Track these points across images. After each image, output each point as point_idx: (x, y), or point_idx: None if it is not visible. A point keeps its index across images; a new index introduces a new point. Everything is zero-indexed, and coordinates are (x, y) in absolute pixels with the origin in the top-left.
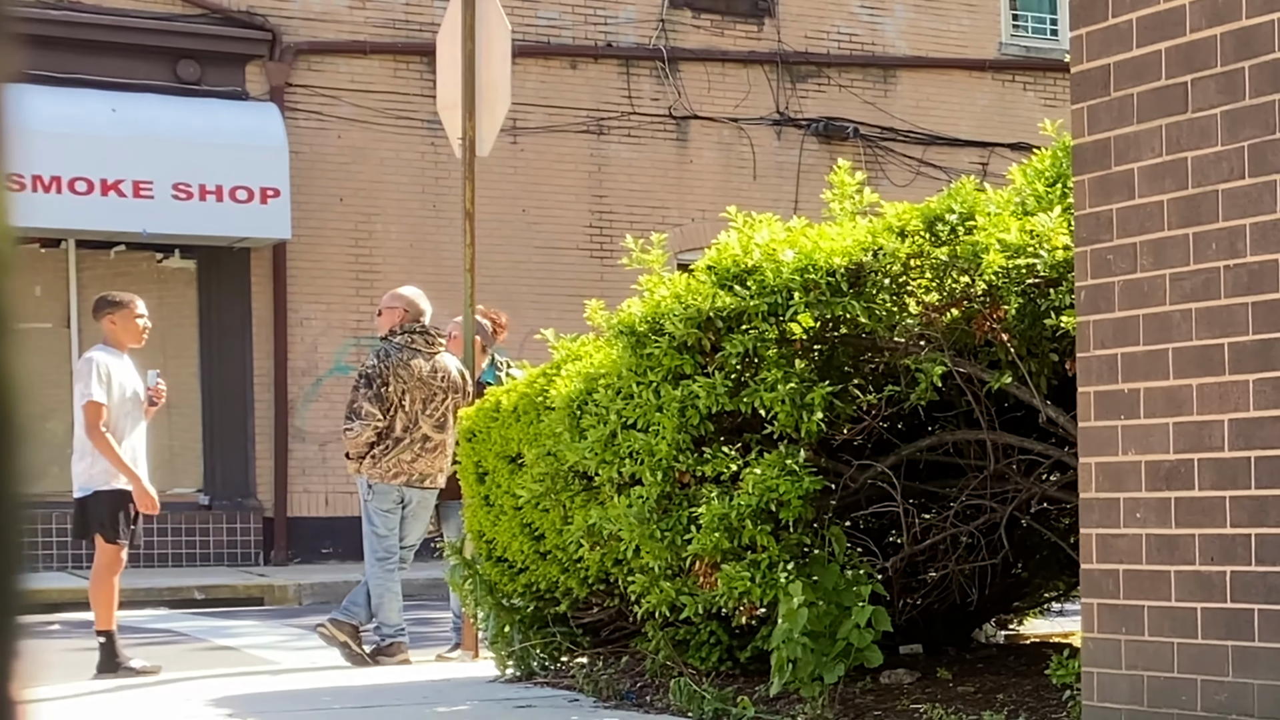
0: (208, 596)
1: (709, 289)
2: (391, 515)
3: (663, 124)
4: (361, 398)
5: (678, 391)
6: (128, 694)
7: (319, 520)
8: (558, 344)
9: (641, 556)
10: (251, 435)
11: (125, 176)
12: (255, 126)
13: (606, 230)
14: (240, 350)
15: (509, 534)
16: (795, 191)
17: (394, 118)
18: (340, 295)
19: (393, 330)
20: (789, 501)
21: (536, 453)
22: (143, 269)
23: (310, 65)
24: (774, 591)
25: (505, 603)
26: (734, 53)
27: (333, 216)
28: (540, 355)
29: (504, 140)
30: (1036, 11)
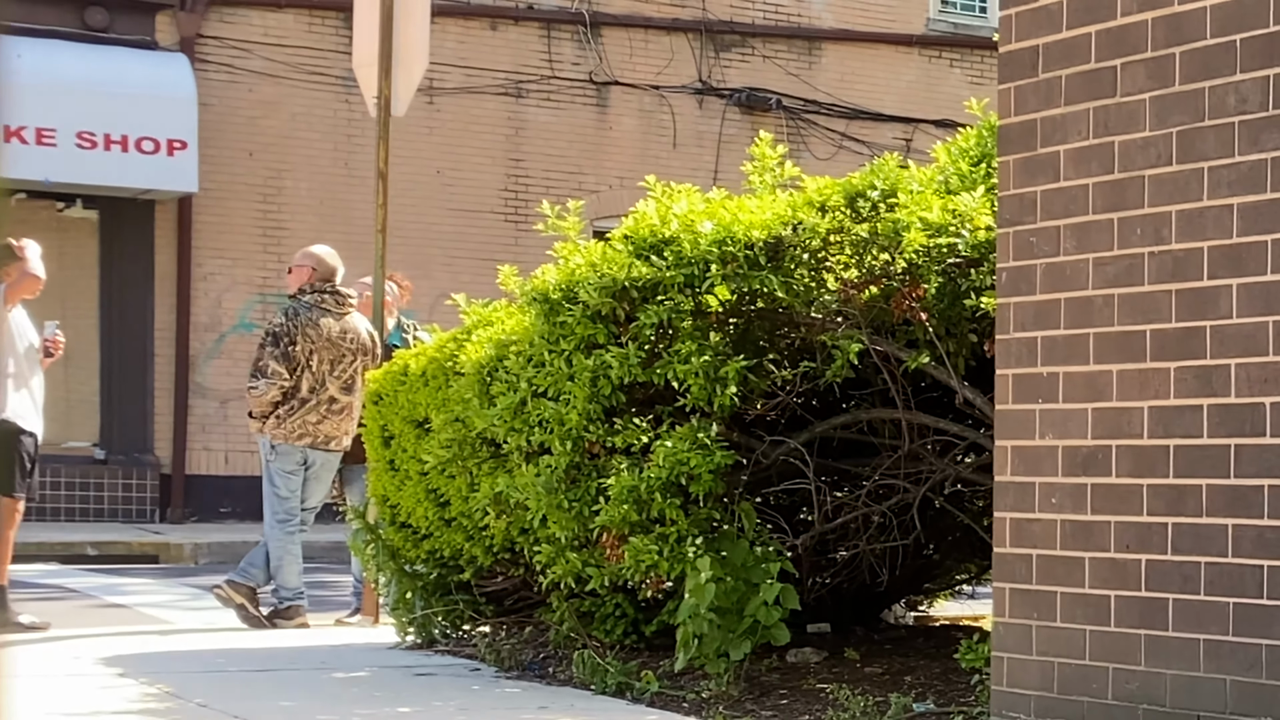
0: (101, 553)
1: (625, 258)
2: (294, 476)
3: (583, 89)
4: (268, 356)
5: (590, 361)
6: (15, 650)
7: (218, 479)
8: (469, 309)
9: (548, 526)
10: (151, 390)
11: (28, 123)
12: (164, 77)
13: (522, 195)
14: (142, 304)
15: (414, 499)
16: (715, 162)
17: (307, 73)
18: (247, 251)
19: (302, 289)
20: (699, 475)
21: (444, 418)
22: (43, 218)
23: (222, 16)
24: (682, 566)
25: (408, 569)
26: (657, 19)
27: (241, 171)
28: (450, 319)
29: (420, 100)
30: None
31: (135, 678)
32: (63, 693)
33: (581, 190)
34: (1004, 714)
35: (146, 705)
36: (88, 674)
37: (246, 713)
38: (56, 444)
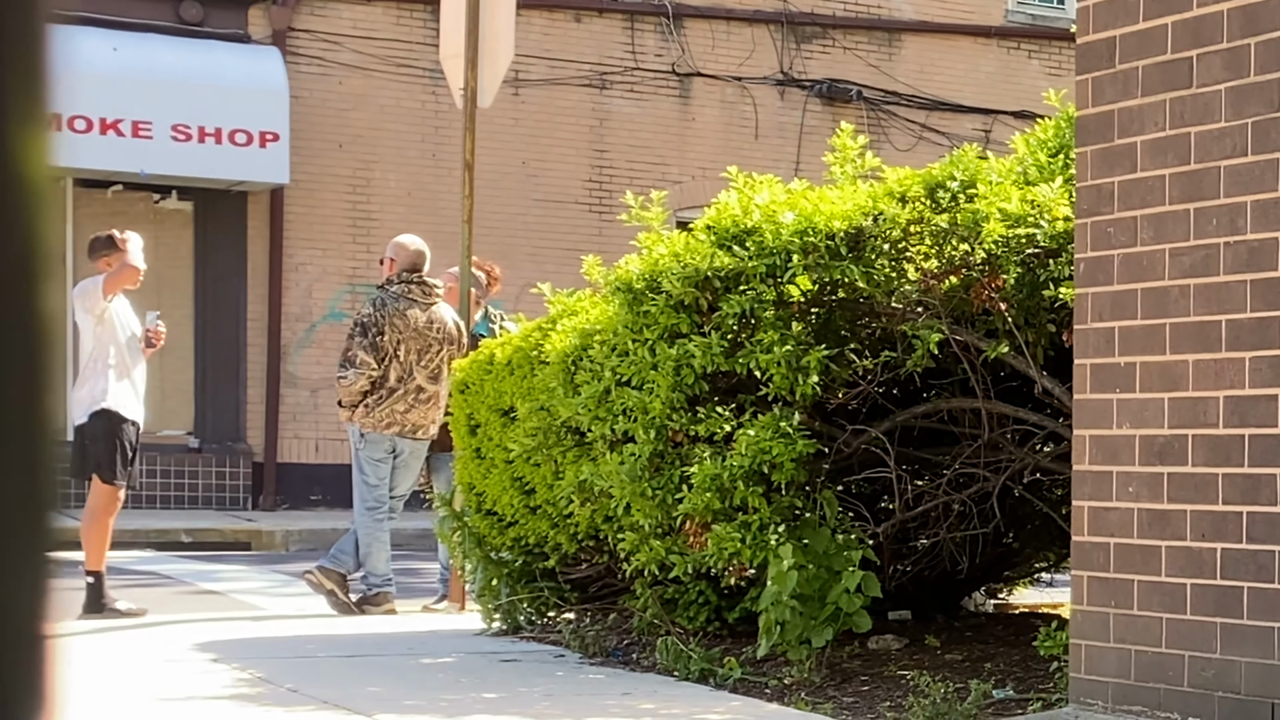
0: (195, 540)
1: (708, 248)
2: (382, 465)
3: (665, 80)
4: (357, 346)
5: (673, 350)
6: (113, 635)
7: (309, 467)
8: (554, 298)
9: (632, 514)
10: (244, 379)
11: (124, 116)
12: (256, 70)
13: (606, 185)
14: (235, 294)
15: (499, 487)
16: (797, 153)
17: (396, 65)
18: (337, 241)
19: (389, 279)
20: (782, 464)
21: (529, 407)
22: (139, 209)
23: (313, 10)
24: (764, 553)
25: (493, 556)
26: (739, 11)
27: (331, 163)
28: (536, 309)
29: (505, 92)
30: None
31: (228, 663)
32: (158, 678)
33: (665, 181)
34: (1082, 701)
35: (239, 690)
36: (182, 659)
37: (336, 698)
38: (152, 433)
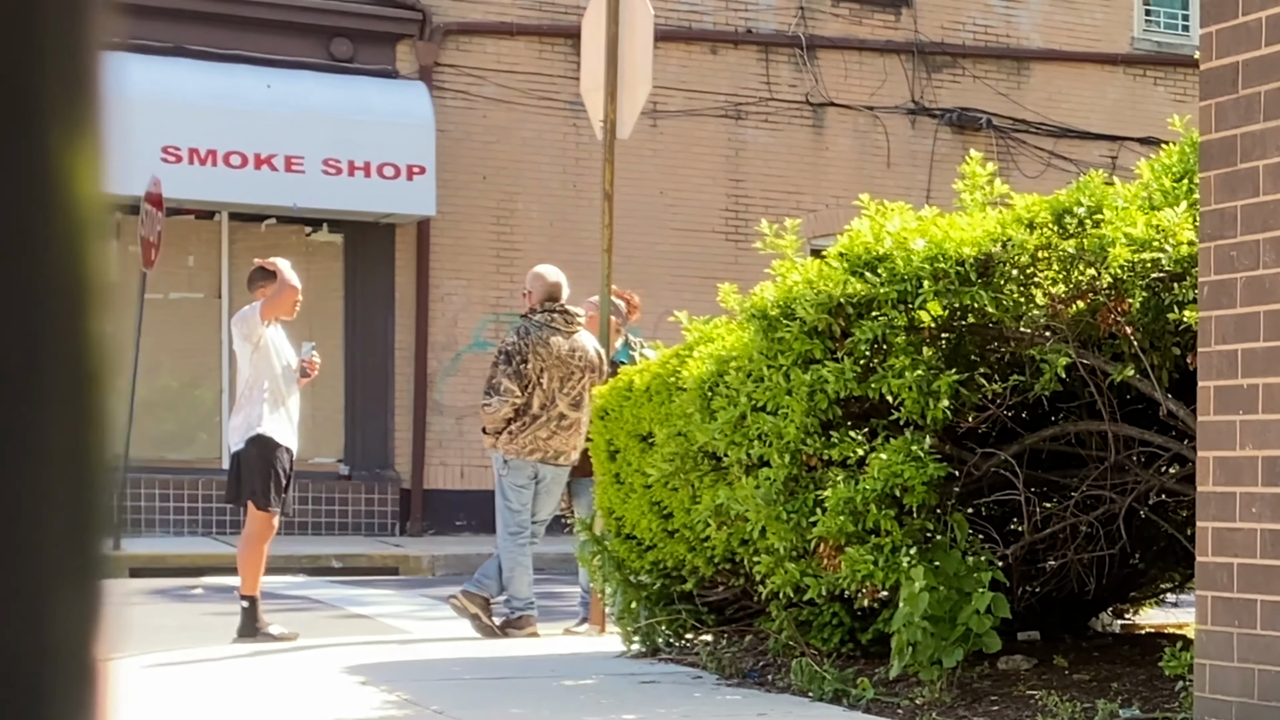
0: (345, 565)
1: (840, 275)
2: (525, 490)
3: (799, 110)
4: (501, 374)
5: (807, 376)
6: (265, 659)
7: (454, 493)
8: (691, 326)
9: (767, 537)
10: (392, 408)
11: (278, 151)
12: (404, 105)
13: (742, 214)
14: (383, 324)
15: (638, 512)
16: (928, 180)
17: (538, 98)
18: (481, 272)
19: (532, 309)
20: (913, 487)
21: (667, 432)
22: (292, 242)
23: (458, 45)
24: (896, 575)
25: (633, 579)
26: (871, 42)
27: (476, 194)
28: (674, 336)
29: (644, 123)
30: (1169, 7)
31: (376, 685)
32: (309, 700)
33: (799, 209)
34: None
35: (386, 712)
36: (332, 682)
37: (479, 719)
38: (305, 460)
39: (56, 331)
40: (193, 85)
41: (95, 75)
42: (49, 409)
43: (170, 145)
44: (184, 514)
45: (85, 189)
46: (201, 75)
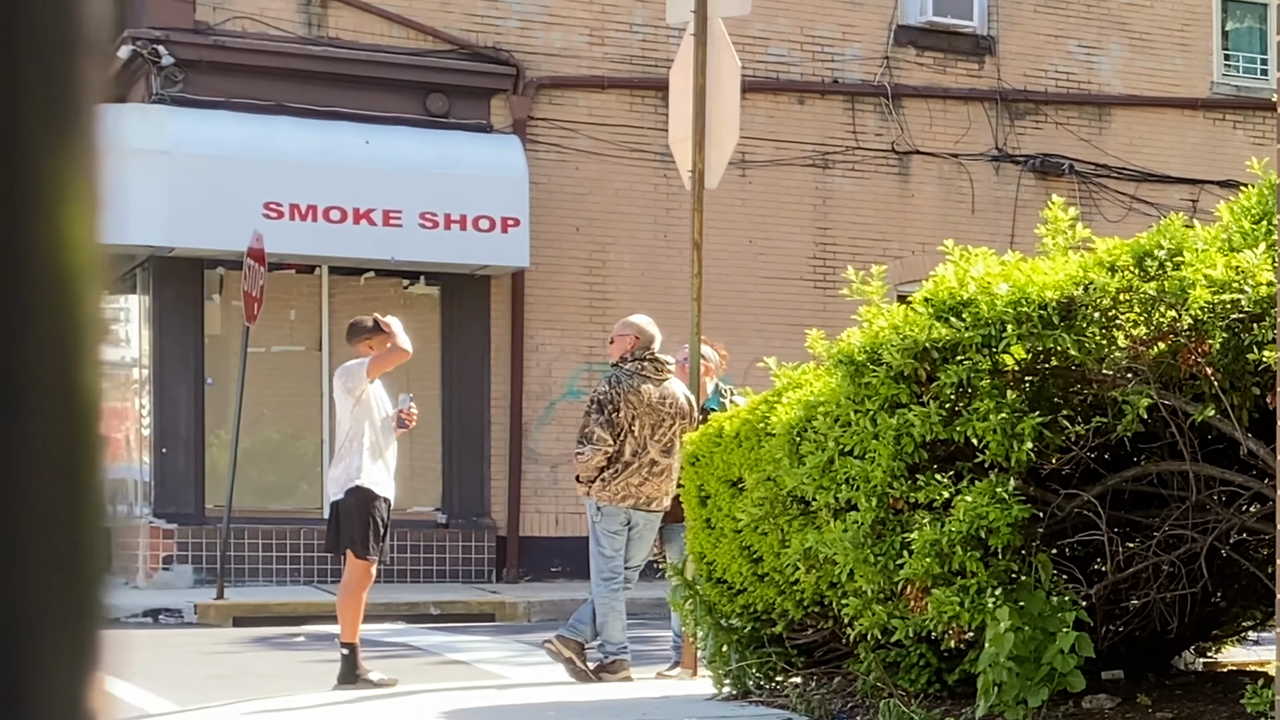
0: (443, 612)
1: (926, 320)
2: (618, 536)
3: (885, 159)
4: (593, 423)
5: (893, 420)
6: (365, 705)
7: (549, 540)
8: (779, 372)
9: (855, 580)
10: (488, 456)
11: (376, 205)
12: (498, 158)
13: (829, 261)
14: (479, 374)
15: (729, 556)
16: (1011, 226)
17: (628, 150)
18: (574, 322)
19: (624, 357)
20: (998, 529)
21: (757, 477)
22: (390, 294)
23: (551, 99)
24: (982, 616)
25: (723, 623)
26: (955, 90)
27: (569, 245)
28: (763, 383)
29: (732, 173)
30: (1247, 51)
31: None
32: None
33: (885, 256)
34: None
35: None
36: None
37: None
38: (403, 509)
39: (46, 378)
40: (294, 142)
41: (89, 126)
42: (37, 454)
43: (272, 201)
44: (286, 563)
45: (79, 237)
46: (302, 132)
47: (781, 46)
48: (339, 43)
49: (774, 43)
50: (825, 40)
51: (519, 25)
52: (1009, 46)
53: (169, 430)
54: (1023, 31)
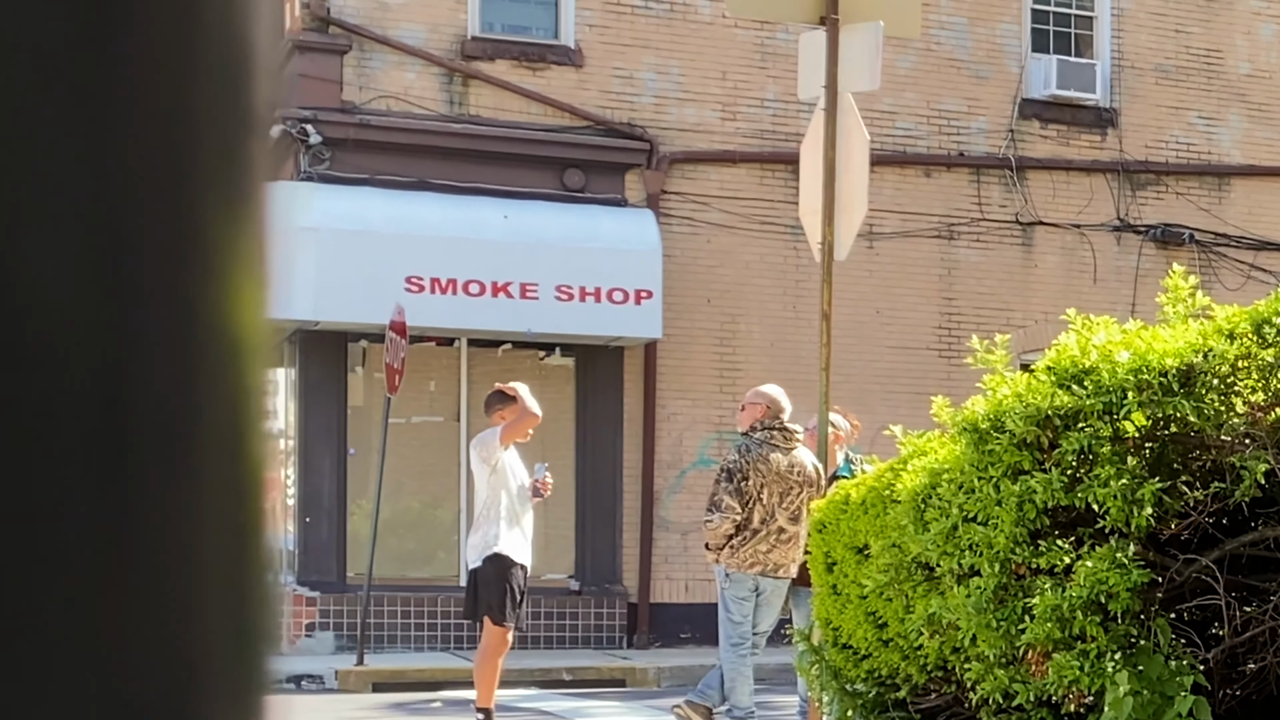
0: (575, 678)
1: (1048, 388)
2: (746, 603)
3: (1009, 229)
4: (722, 491)
5: (1016, 486)
6: None
7: (679, 606)
8: (905, 440)
9: (978, 645)
10: (620, 524)
11: (514, 279)
12: (633, 232)
13: (954, 331)
14: (612, 443)
15: (854, 622)
16: (1133, 295)
17: (759, 223)
18: (705, 392)
19: (753, 426)
20: (1118, 594)
21: (882, 544)
22: (526, 366)
23: (684, 173)
24: (1101, 680)
25: (848, 688)
26: (1078, 161)
27: (700, 317)
28: (889, 450)
29: (860, 245)
30: None
31: None
32: None
33: (1009, 325)
34: None
35: None
36: None
37: None
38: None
39: (214, 453)
40: (435, 217)
41: (259, 204)
42: (207, 530)
43: (414, 275)
44: (424, 629)
45: (249, 310)
46: (443, 207)
47: (909, 120)
48: (479, 120)
49: (902, 116)
50: (951, 114)
51: (653, 101)
52: (1130, 118)
53: (313, 499)
54: (1144, 104)
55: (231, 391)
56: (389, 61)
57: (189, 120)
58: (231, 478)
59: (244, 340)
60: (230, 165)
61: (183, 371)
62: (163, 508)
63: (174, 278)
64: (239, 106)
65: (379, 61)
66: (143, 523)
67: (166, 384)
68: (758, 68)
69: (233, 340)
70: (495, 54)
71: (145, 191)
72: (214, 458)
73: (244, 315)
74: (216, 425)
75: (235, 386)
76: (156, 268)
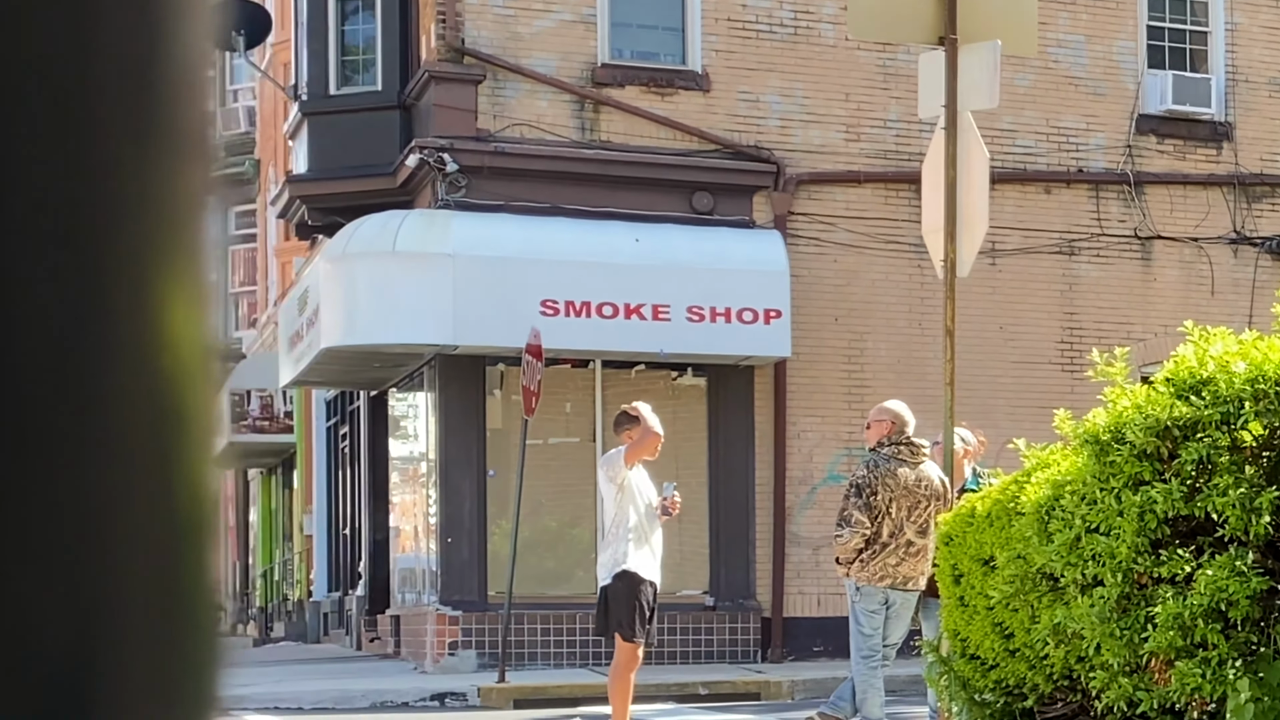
0: (710, 692)
1: (1167, 399)
2: (876, 615)
3: (1128, 244)
4: (852, 506)
5: (1137, 497)
6: None
7: (811, 620)
8: (1028, 453)
9: (1102, 654)
10: (753, 540)
11: (645, 301)
12: (760, 252)
13: (1076, 345)
14: (743, 461)
15: (981, 632)
16: (1250, 306)
17: (884, 242)
18: (833, 409)
19: (881, 442)
20: (1238, 601)
21: (1007, 555)
22: (659, 386)
23: (810, 194)
24: (1223, 688)
25: (976, 698)
26: (1194, 176)
27: (828, 335)
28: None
29: (982, 261)
30: None
31: None
32: None
33: (1129, 338)
34: None
35: None
36: None
37: None
38: (672, 593)
39: (150, 475)
40: (568, 242)
41: (196, 226)
42: (142, 553)
43: (549, 299)
44: (564, 647)
45: (185, 335)
46: (576, 232)
47: (1029, 138)
48: (610, 145)
49: (1021, 134)
50: (1070, 130)
51: (779, 124)
52: (1246, 132)
53: (453, 520)
54: (1259, 117)
55: (161, 419)
56: (522, 90)
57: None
58: (162, 505)
59: (173, 355)
60: (162, 184)
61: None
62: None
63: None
64: (172, 123)
65: (512, 90)
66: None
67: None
68: (880, 88)
69: (162, 367)
70: (625, 80)
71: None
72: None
73: (175, 341)
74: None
75: (166, 414)
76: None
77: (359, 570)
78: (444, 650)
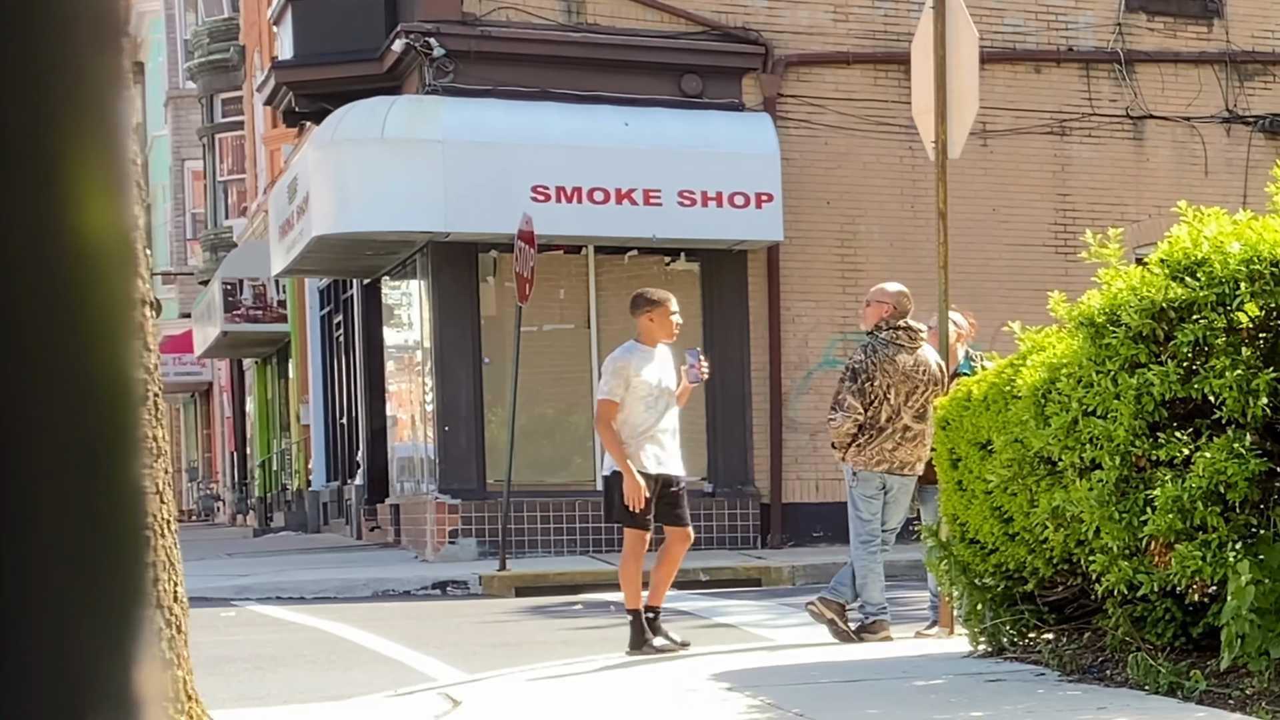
0: (711, 578)
1: (1162, 281)
2: (874, 500)
3: (1120, 124)
4: (845, 390)
5: (1134, 380)
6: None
7: (810, 506)
8: (1023, 336)
9: (1101, 537)
10: (749, 426)
11: (637, 186)
12: (750, 135)
13: (1069, 227)
14: (739, 347)
15: (980, 517)
16: (1244, 186)
17: (874, 124)
18: (828, 293)
19: (878, 325)
20: (1236, 484)
21: (1004, 439)
22: (652, 272)
23: (799, 76)
24: (1223, 570)
25: (977, 582)
26: (1185, 54)
27: (820, 219)
28: (1008, 347)
29: (974, 143)
30: None
31: (741, 691)
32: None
33: (1123, 220)
34: None
35: (751, 716)
36: (701, 689)
37: None
38: None
39: (67, 363)
40: (557, 127)
41: (108, 108)
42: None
43: (539, 185)
44: (563, 534)
45: (99, 217)
46: (565, 117)
47: (1017, 16)
48: (597, 28)
49: (1010, 13)
50: (1059, 8)
51: (766, 5)
52: (1236, 8)
53: (450, 409)
54: None
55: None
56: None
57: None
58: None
59: (97, 253)
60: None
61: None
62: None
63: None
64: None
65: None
66: None
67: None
68: None
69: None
70: None
71: None
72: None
73: (95, 227)
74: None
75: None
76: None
77: (357, 459)
78: (444, 539)
